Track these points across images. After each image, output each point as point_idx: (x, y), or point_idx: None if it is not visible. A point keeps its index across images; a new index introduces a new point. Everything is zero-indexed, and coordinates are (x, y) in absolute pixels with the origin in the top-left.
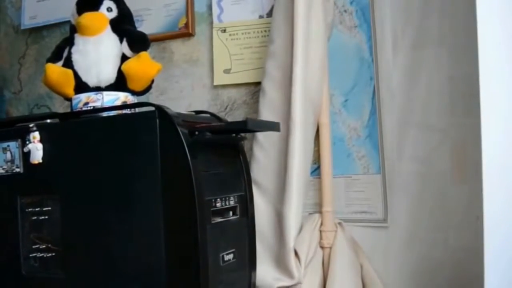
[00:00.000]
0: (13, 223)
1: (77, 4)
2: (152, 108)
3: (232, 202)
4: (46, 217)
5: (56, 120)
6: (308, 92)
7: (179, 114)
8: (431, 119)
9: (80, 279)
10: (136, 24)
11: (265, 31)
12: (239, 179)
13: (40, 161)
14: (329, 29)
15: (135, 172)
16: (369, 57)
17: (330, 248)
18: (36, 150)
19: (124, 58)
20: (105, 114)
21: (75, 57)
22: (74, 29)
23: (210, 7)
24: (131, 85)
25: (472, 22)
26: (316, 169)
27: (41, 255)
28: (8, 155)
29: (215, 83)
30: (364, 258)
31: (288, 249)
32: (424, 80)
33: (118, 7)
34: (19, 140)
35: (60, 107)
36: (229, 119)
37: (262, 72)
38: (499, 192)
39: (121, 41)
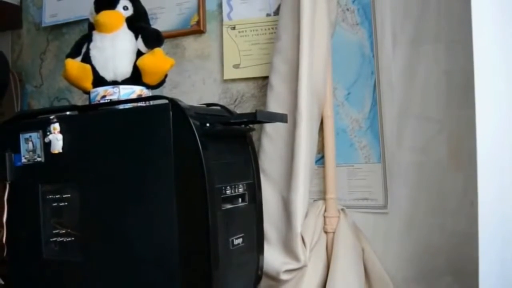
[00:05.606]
0: (35, 209)
1: (95, 3)
2: (166, 101)
3: (241, 190)
4: (66, 203)
5: (75, 112)
6: (313, 85)
7: (191, 107)
8: (429, 111)
9: (97, 262)
10: (151, 22)
11: (272, 28)
12: (248, 167)
13: (60, 151)
14: (333, 27)
15: (150, 161)
16: (370, 53)
17: (334, 233)
18: (57, 140)
19: (139, 54)
20: (121, 106)
21: (93, 53)
22: (92, 27)
23: (220, 6)
24: (145, 79)
25: (467, 19)
26: (320, 159)
27: (61, 239)
28: (30, 145)
29: (225, 77)
30: (365, 242)
31: (295, 234)
32: (422, 74)
33: (133, 5)
34: (41, 131)
35: (79, 100)
36: (238, 111)
37: (269, 67)
38: (492, 179)
39: (136, 38)
